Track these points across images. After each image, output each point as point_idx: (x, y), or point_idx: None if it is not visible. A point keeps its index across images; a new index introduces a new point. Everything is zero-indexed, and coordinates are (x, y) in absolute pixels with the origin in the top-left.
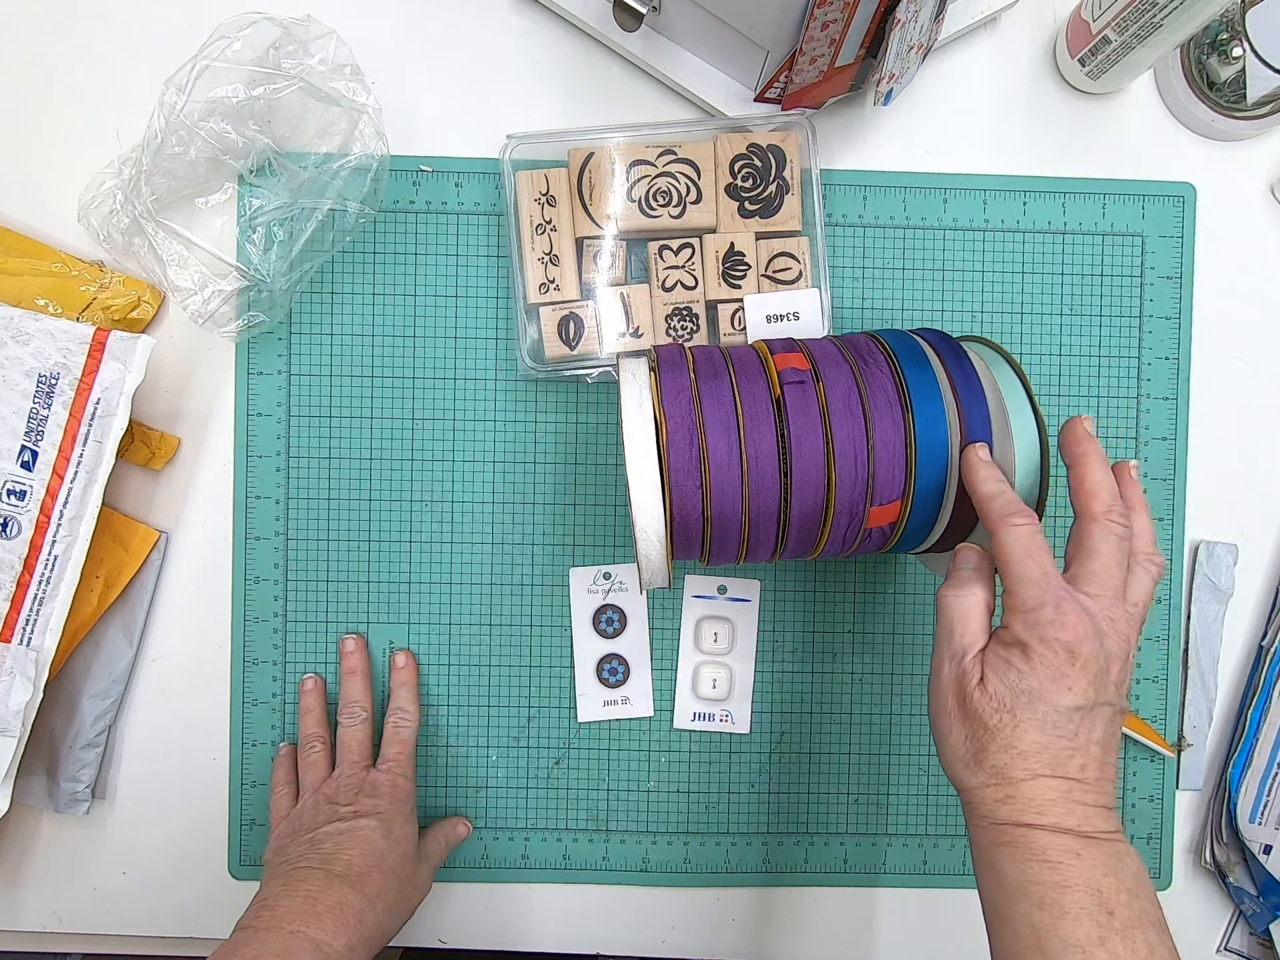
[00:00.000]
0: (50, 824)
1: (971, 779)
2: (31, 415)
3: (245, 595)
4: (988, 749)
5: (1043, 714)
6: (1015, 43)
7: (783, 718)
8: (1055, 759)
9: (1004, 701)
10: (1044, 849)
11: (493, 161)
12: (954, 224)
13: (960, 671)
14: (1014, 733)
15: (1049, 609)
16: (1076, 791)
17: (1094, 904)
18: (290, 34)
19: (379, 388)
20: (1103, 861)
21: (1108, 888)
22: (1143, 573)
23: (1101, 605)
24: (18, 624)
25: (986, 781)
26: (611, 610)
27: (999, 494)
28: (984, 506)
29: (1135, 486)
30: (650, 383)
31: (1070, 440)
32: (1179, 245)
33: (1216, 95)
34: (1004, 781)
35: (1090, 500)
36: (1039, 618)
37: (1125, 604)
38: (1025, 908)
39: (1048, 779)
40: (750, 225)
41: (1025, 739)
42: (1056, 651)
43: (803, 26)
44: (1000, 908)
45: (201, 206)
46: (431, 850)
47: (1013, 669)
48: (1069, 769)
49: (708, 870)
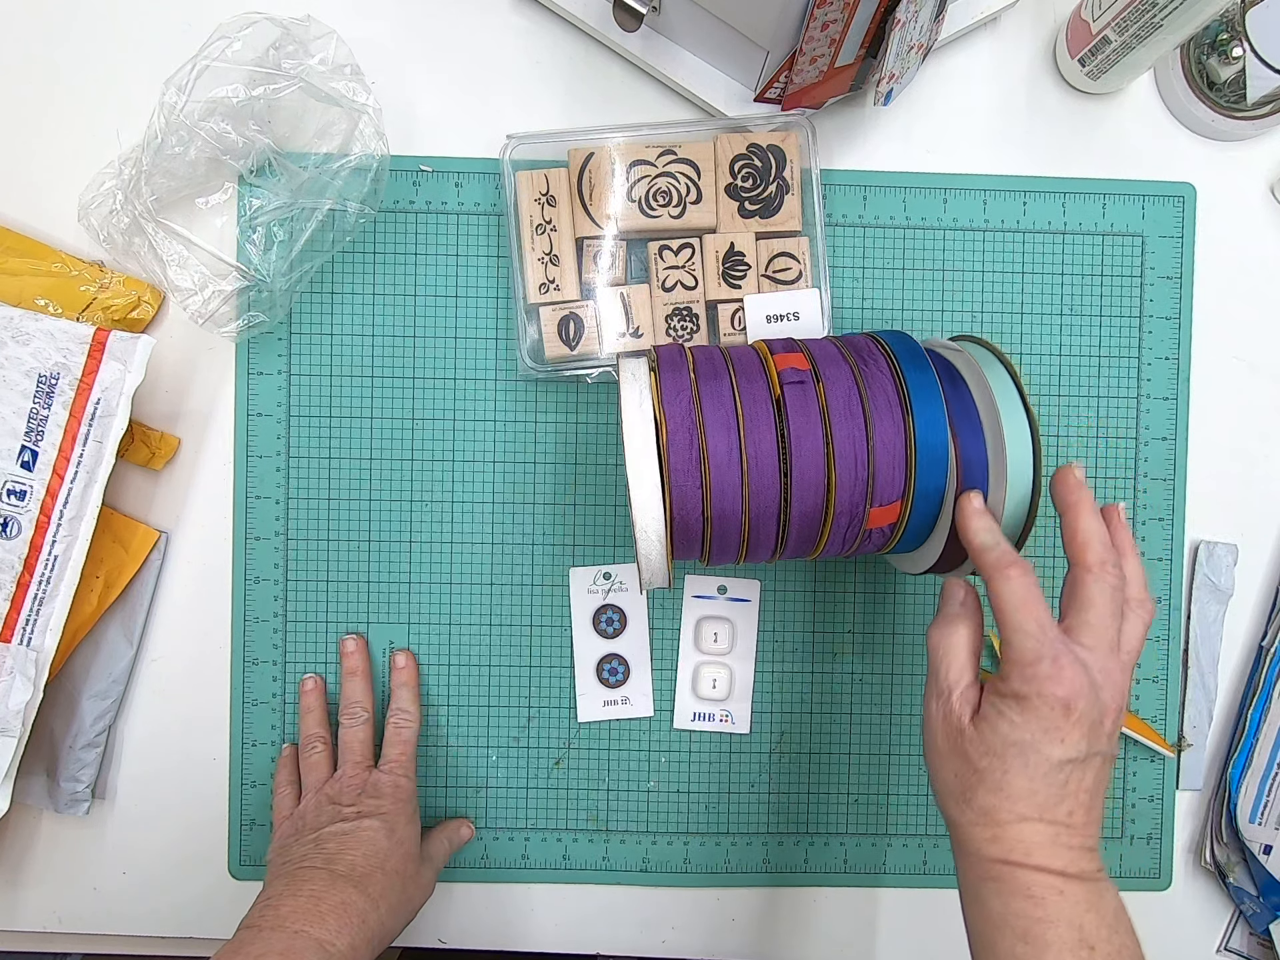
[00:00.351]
0: (50, 824)
1: (960, 815)
2: (31, 415)
3: (245, 595)
4: (976, 790)
5: (1034, 764)
6: (1015, 43)
7: (783, 718)
8: (1044, 805)
9: (994, 748)
10: (1028, 885)
11: (493, 161)
12: (954, 224)
13: (947, 710)
14: (1003, 778)
15: (1046, 663)
16: (1064, 835)
17: (1075, 939)
18: (290, 34)
19: (379, 388)
20: (1085, 898)
21: (1089, 924)
22: (1135, 619)
23: (1097, 657)
24: (18, 624)
25: (975, 820)
26: (611, 610)
27: (994, 545)
28: (979, 557)
29: (1125, 530)
30: (650, 383)
31: (1062, 489)
32: (1179, 245)
33: (1216, 95)
34: (991, 822)
35: (1084, 550)
36: (1036, 672)
37: (1119, 654)
38: (1009, 940)
39: (1035, 823)
40: (750, 225)
41: (1014, 785)
42: (1052, 706)
43: (803, 26)
44: (985, 938)
45: (201, 206)
46: (435, 851)
47: (1005, 719)
48: (1057, 814)
49: (708, 870)
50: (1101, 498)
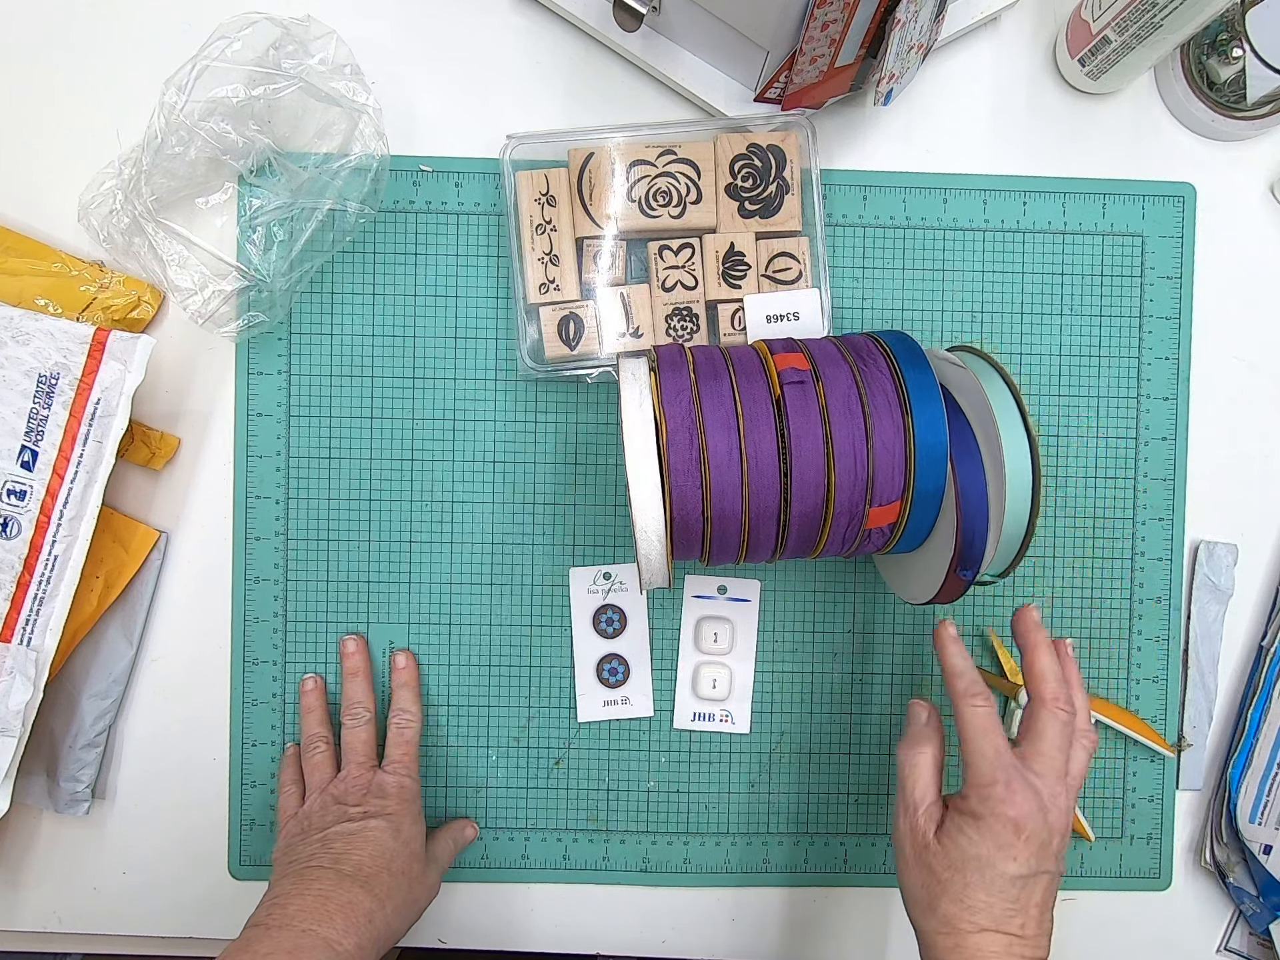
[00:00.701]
0: (50, 824)
1: (925, 923)
2: (31, 415)
3: (245, 595)
4: (939, 900)
5: (989, 879)
6: (1015, 43)
7: (783, 718)
8: (999, 918)
9: (955, 862)
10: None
11: (493, 161)
12: (954, 224)
13: (913, 824)
14: (963, 890)
15: (1000, 786)
16: (1016, 946)
17: None
18: (290, 34)
19: (379, 388)
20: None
21: None
22: (1080, 749)
23: (1047, 784)
24: (18, 624)
25: (938, 929)
26: (611, 610)
27: (964, 672)
28: (950, 683)
29: (1072, 664)
30: (650, 383)
31: (1022, 628)
32: (1179, 245)
33: (1216, 95)
34: (953, 931)
35: (1040, 685)
36: (991, 793)
37: (1066, 780)
38: None
39: (992, 933)
40: (750, 225)
41: (973, 897)
42: (1005, 825)
43: (803, 26)
44: None
45: (201, 206)
46: (440, 852)
47: (964, 835)
48: (1011, 926)
49: (708, 870)
50: (1102, 497)
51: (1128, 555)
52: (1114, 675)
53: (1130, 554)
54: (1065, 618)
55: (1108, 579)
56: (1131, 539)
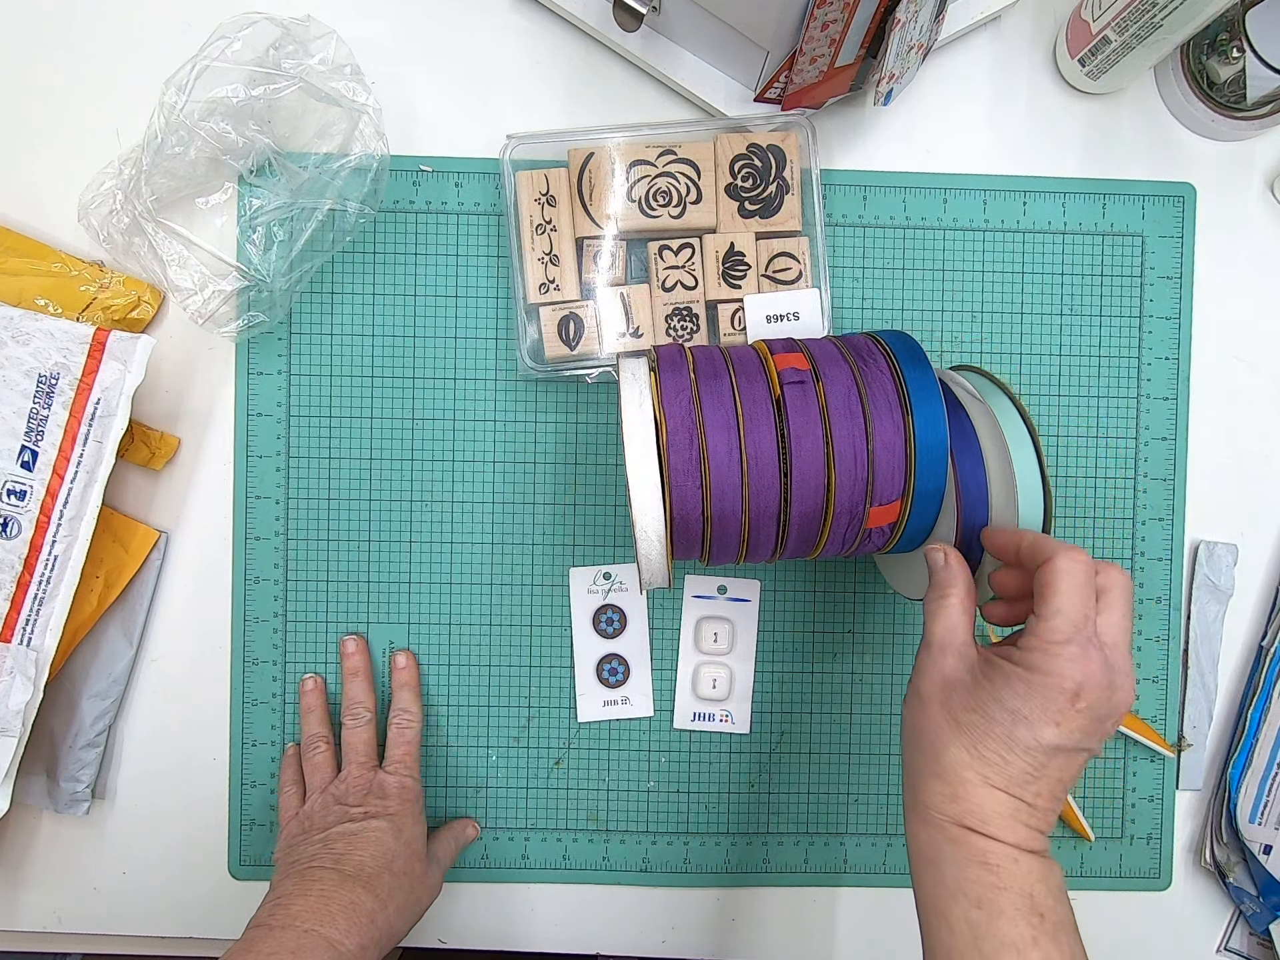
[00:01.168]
0: (50, 824)
1: (924, 766)
2: (31, 415)
3: (245, 595)
4: (949, 744)
5: (1019, 737)
6: (1015, 43)
7: (783, 718)
8: (1013, 778)
9: (984, 706)
10: (984, 851)
11: (493, 161)
12: (954, 224)
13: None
14: (981, 738)
15: (1074, 647)
16: (1024, 813)
17: (1027, 907)
18: (290, 34)
19: (379, 388)
20: (1036, 868)
21: (1039, 893)
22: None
23: (1119, 658)
24: (18, 624)
25: (937, 773)
26: (611, 610)
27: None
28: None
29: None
30: (650, 383)
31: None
32: (1179, 245)
33: (1216, 95)
34: (955, 780)
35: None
36: (1061, 651)
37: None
38: (963, 906)
39: (999, 793)
40: (750, 225)
41: (989, 749)
42: (1064, 689)
43: (803, 26)
44: (938, 905)
45: (201, 206)
46: (441, 852)
47: (1010, 687)
48: (1024, 792)
49: (708, 870)
50: (1102, 497)
51: (1128, 555)
52: None
53: (1130, 554)
54: None
55: None
56: (1131, 539)
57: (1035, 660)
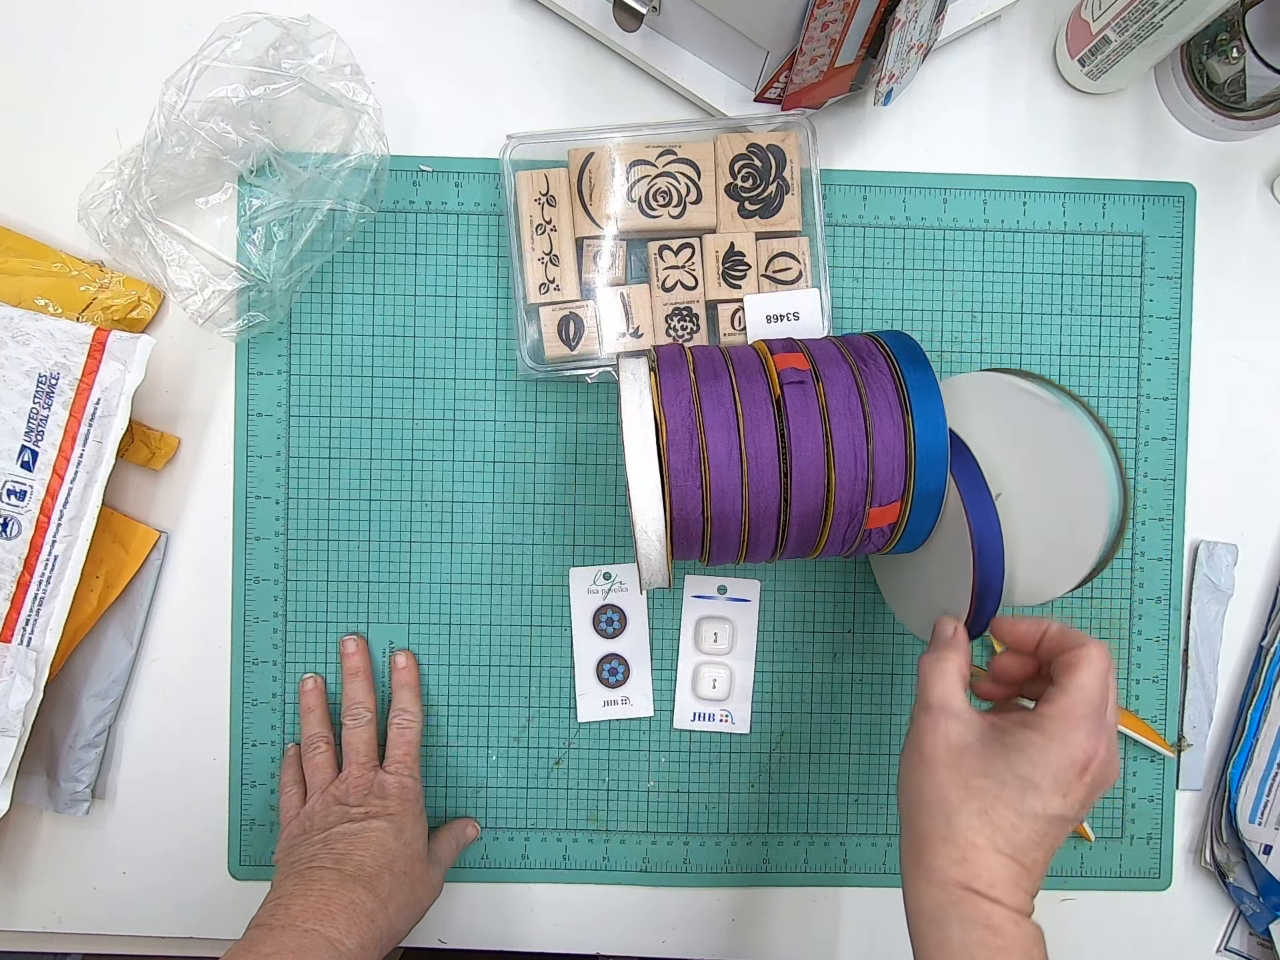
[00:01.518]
0: (50, 824)
1: (932, 829)
2: (31, 415)
3: (245, 595)
4: (960, 809)
5: (1028, 805)
6: (1015, 43)
7: (783, 718)
8: (1020, 845)
9: (996, 772)
10: (988, 914)
11: (493, 161)
12: (954, 224)
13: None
14: (992, 803)
15: (1091, 723)
16: (1024, 880)
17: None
18: (290, 34)
19: (379, 388)
20: (1032, 931)
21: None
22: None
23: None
24: (18, 624)
25: (946, 836)
26: (611, 610)
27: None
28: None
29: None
30: (650, 383)
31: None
32: (1179, 245)
33: (1216, 95)
34: (966, 844)
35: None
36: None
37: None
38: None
39: (1007, 859)
40: (750, 225)
41: (1001, 815)
42: (1075, 761)
43: (803, 26)
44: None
45: (201, 206)
46: (442, 852)
47: (1021, 753)
48: (1026, 858)
49: (708, 870)
50: None
51: (1128, 555)
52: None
53: (1130, 554)
54: (1066, 618)
55: (1108, 579)
56: (1131, 539)
57: (1054, 729)
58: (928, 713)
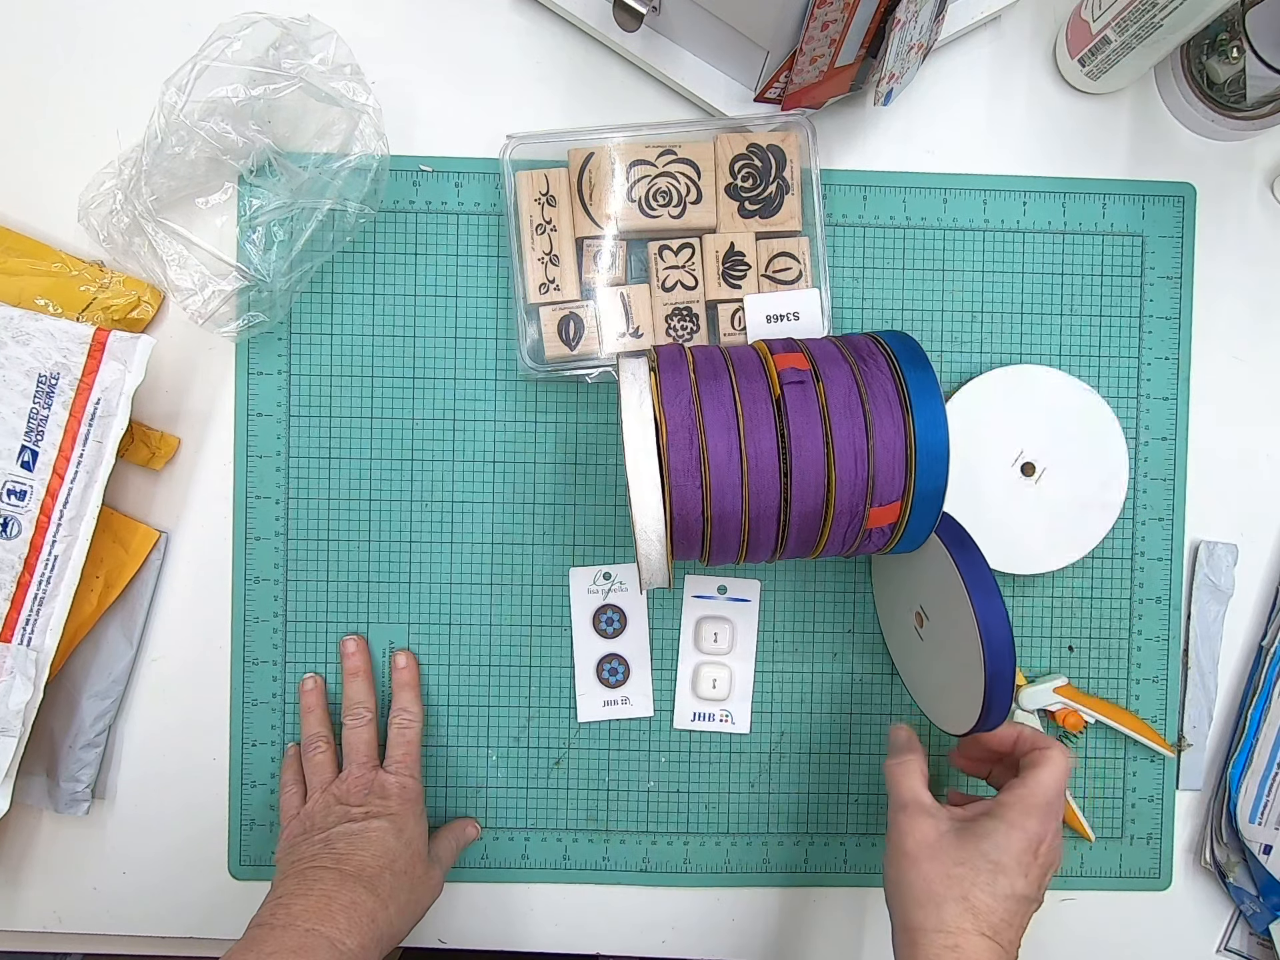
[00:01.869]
0: (50, 824)
1: (925, 920)
2: (31, 415)
3: (245, 595)
4: (946, 898)
5: (999, 887)
6: (1015, 43)
7: (783, 718)
8: (997, 926)
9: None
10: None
11: (493, 161)
12: (954, 224)
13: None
14: (970, 889)
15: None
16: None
17: None
18: (290, 34)
19: (379, 388)
20: None
21: None
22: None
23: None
24: (18, 624)
25: (938, 926)
26: (611, 610)
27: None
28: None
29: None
30: (650, 383)
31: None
32: (1179, 245)
33: (1216, 95)
34: (956, 931)
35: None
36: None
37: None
38: None
39: (990, 941)
40: (750, 225)
41: (980, 899)
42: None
43: (803, 26)
44: None
45: (201, 206)
46: (442, 852)
47: (989, 839)
48: (1003, 939)
49: (708, 870)
50: None
51: (1128, 555)
52: (1114, 675)
53: (1130, 554)
54: (1066, 618)
55: (1108, 579)
56: (1131, 539)
57: (1013, 816)
58: (903, 811)
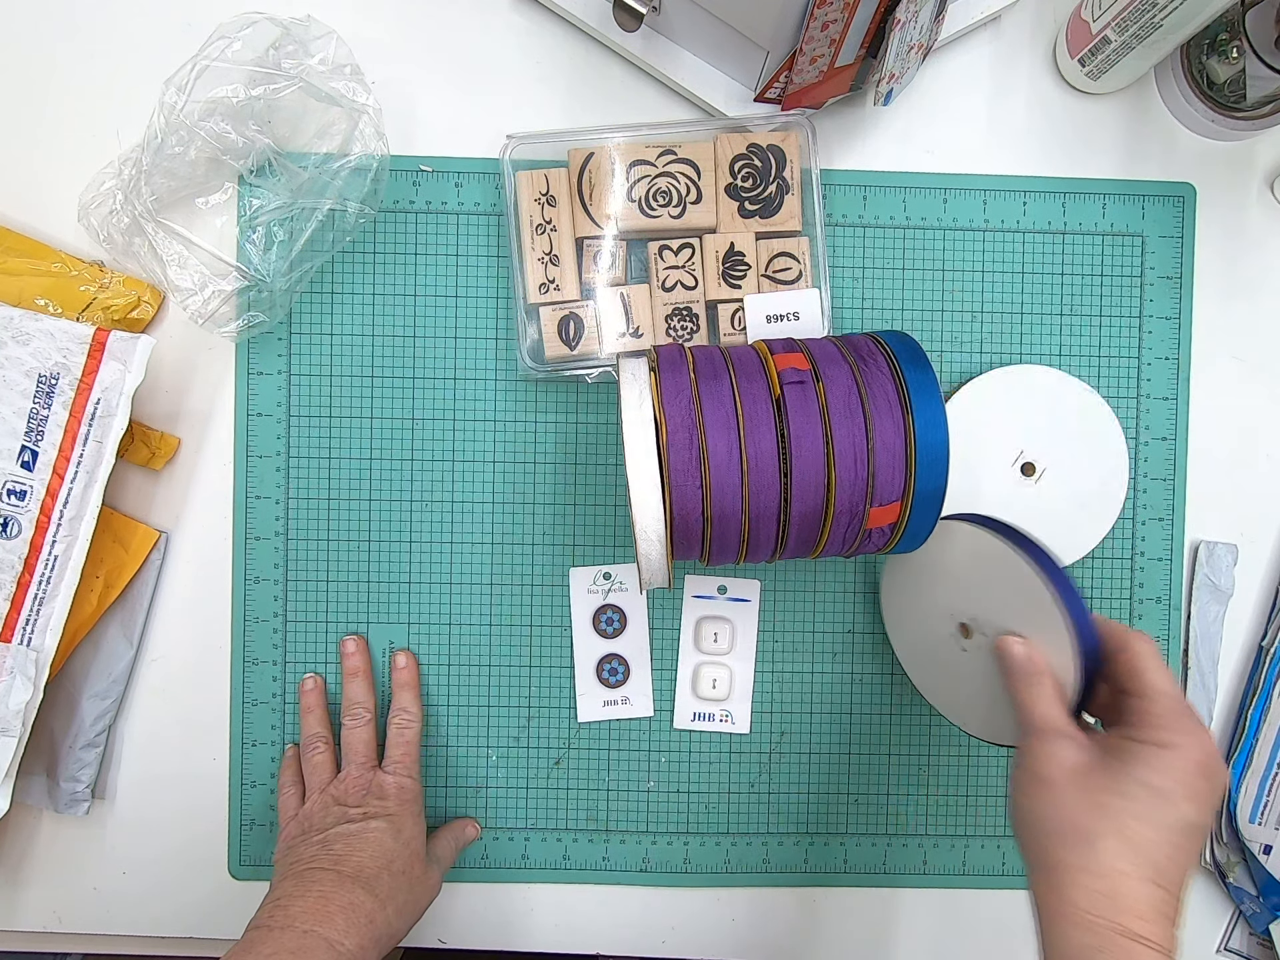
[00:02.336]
0: (50, 824)
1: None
2: (31, 415)
3: (245, 595)
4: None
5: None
6: (1015, 43)
7: (783, 718)
8: (1161, 866)
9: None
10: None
11: (493, 161)
12: (954, 224)
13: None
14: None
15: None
16: (1168, 906)
17: None
18: (290, 34)
19: (379, 388)
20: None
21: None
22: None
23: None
24: (18, 624)
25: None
26: (611, 610)
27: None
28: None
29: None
30: (650, 383)
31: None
32: (1179, 245)
33: (1216, 95)
34: (1111, 872)
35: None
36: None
37: None
38: None
39: (1153, 885)
40: (750, 225)
41: (1139, 832)
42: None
43: (803, 26)
44: None
45: (201, 206)
46: (441, 852)
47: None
48: (1168, 879)
49: (708, 870)
50: None
51: (1128, 555)
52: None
53: (1130, 554)
54: None
55: (1108, 579)
56: (1131, 539)
57: (1163, 737)
58: (1037, 736)
